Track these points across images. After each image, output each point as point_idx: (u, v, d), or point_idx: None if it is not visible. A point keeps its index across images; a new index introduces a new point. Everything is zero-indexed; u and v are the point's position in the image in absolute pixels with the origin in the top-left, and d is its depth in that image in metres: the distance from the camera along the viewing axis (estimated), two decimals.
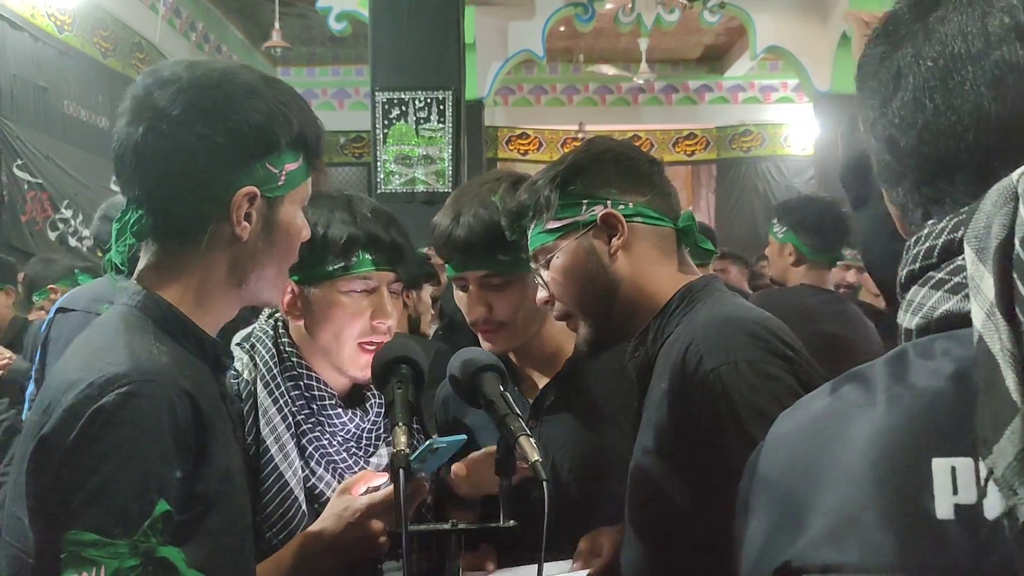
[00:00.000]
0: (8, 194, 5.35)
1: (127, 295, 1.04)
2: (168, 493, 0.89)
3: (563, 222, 1.27)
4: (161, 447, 0.90)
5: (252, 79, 1.04)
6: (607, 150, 1.32)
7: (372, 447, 1.42)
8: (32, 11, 5.73)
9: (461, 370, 1.22)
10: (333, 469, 1.36)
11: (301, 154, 1.07)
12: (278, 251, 1.07)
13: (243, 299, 1.10)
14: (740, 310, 1.21)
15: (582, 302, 1.28)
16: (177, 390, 0.93)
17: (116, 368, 0.91)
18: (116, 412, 0.88)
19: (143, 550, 0.86)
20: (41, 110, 5.79)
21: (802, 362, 1.14)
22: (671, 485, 1.16)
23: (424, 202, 4.17)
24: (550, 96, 10.35)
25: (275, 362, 1.36)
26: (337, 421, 1.37)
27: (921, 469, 0.56)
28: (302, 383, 1.36)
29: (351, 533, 1.20)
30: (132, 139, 1.01)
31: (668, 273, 1.27)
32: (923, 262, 0.63)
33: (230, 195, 1.01)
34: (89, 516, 0.85)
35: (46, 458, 0.89)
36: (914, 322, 0.63)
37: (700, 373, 1.12)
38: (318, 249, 1.32)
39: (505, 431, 1.13)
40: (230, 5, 8.69)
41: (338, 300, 1.35)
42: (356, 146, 10.02)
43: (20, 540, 0.92)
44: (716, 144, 10.59)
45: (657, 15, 7.33)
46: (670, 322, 1.23)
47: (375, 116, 4.21)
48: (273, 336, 1.39)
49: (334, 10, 6.55)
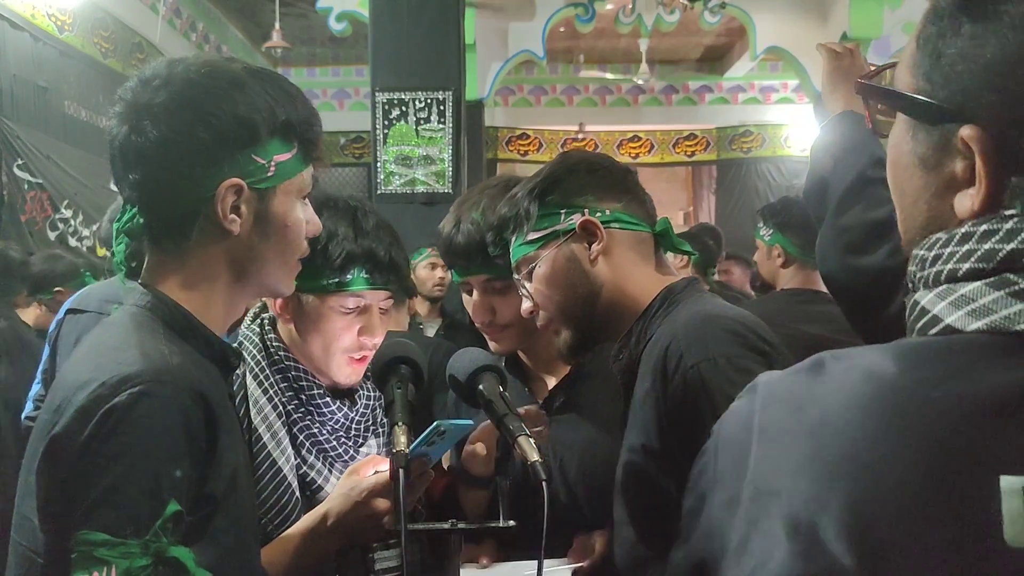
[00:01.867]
0: (8, 194, 5.35)
1: (135, 295, 1.04)
2: (179, 493, 0.89)
3: (543, 232, 1.30)
4: (173, 447, 0.90)
5: (235, 71, 1.03)
6: (581, 160, 1.36)
7: (361, 438, 1.43)
8: (32, 11, 5.73)
9: (461, 370, 1.22)
10: (324, 458, 1.37)
11: (294, 144, 1.06)
12: (276, 243, 1.06)
13: (250, 293, 1.10)
14: (719, 308, 1.24)
15: (565, 308, 1.31)
16: (189, 391, 0.93)
17: (128, 368, 0.91)
18: (128, 412, 0.88)
19: (154, 550, 0.86)
20: (41, 110, 5.79)
21: (779, 357, 1.16)
22: (656, 481, 1.18)
23: (424, 203, 4.17)
24: (550, 97, 10.34)
25: (263, 356, 1.38)
26: (327, 411, 1.39)
27: (985, 486, 0.49)
28: (290, 375, 1.37)
29: (358, 512, 1.21)
30: (121, 139, 1.01)
31: (648, 276, 1.30)
32: (1001, 262, 0.57)
33: (214, 188, 1.00)
34: (100, 516, 0.86)
35: (57, 458, 0.90)
36: (973, 325, 0.57)
37: (680, 369, 1.14)
38: (317, 261, 1.31)
39: (504, 431, 1.13)
40: (230, 5, 8.69)
41: (329, 314, 1.36)
42: (356, 146, 10.02)
43: (30, 539, 0.92)
44: (716, 145, 10.59)
45: (657, 16, 7.33)
46: (652, 323, 1.26)
47: (375, 116, 4.21)
48: (260, 333, 1.41)
49: (334, 10, 6.55)
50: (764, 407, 0.62)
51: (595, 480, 1.46)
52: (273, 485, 1.30)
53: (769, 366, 1.13)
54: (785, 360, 1.16)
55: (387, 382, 1.22)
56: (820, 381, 0.59)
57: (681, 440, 1.14)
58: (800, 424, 0.58)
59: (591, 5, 7.18)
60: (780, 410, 0.60)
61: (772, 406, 0.61)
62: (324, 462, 1.37)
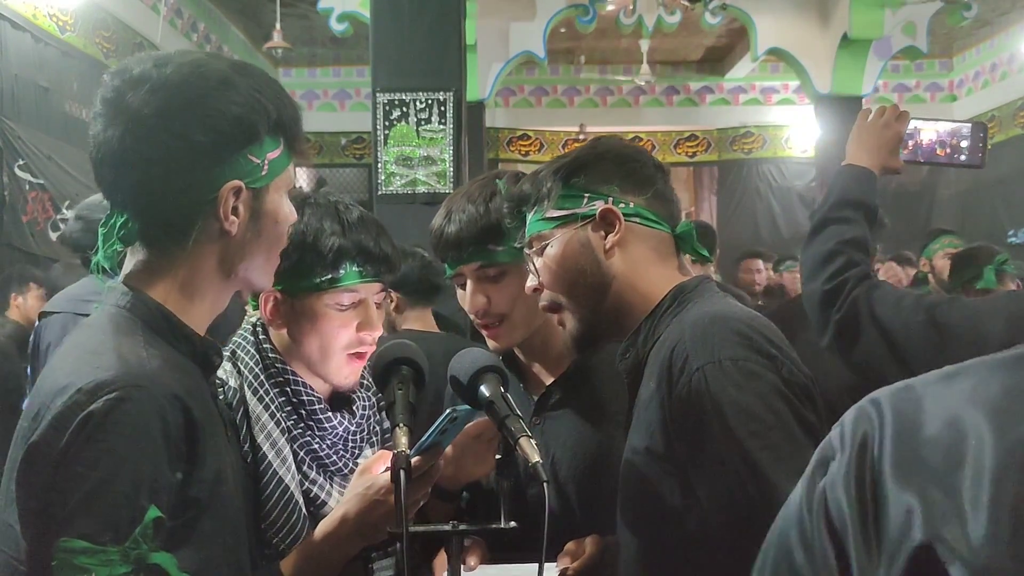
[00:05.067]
0: (9, 194, 5.35)
1: (115, 296, 1.02)
2: (159, 499, 0.88)
3: (562, 212, 1.28)
4: (151, 453, 0.89)
5: (223, 69, 1.02)
6: (611, 149, 1.33)
7: (358, 448, 1.41)
8: (34, 11, 5.73)
9: (462, 371, 1.22)
10: (325, 472, 1.36)
11: (281, 140, 1.06)
12: (266, 239, 1.06)
13: (234, 288, 1.09)
14: (728, 309, 1.21)
15: (572, 294, 1.29)
16: (167, 395, 0.92)
17: (105, 373, 0.90)
18: (105, 418, 0.87)
19: (134, 557, 0.85)
20: (43, 110, 5.79)
21: (786, 361, 1.15)
22: (660, 484, 1.17)
23: (425, 203, 4.17)
24: (551, 97, 10.34)
25: (260, 368, 1.35)
26: (327, 425, 1.36)
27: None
28: (288, 388, 1.35)
29: (376, 511, 1.20)
30: (111, 144, 0.99)
31: (661, 274, 1.28)
32: None
33: (215, 192, 1.00)
34: (79, 523, 0.85)
35: (36, 465, 0.89)
36: None
37: (686, 372, 1.13)
38: (306, 260, 1.30)
39: (506, 432, 1.13)
40: (231, 6, 8.68)
41: (324, 312, 1.33)
42: (357, 147, 10.02)
43: (11, 547, 0.91)
44: (717, 146, 10.58)
45: (658, 17, 7.32)
46: (661, 323, 1.24)
47: (376, 117, 4.20)
48: (255, 342, 1.37)
49: (335, 11, 6.54)
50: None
51: (586, 479, 1.46)
52: (282, 504, 1.28)
53: (775, 370, 1.12)
54: (793, 364, 1.15)
55: (388, 383, 1.22)
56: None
57: (685, 443, 1.13)
58: None
59: (592, 6, 7.18)
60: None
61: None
62: (325, 476, 1.35)
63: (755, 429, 1.08)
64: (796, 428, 1.09)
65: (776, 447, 1.07)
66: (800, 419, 1.10)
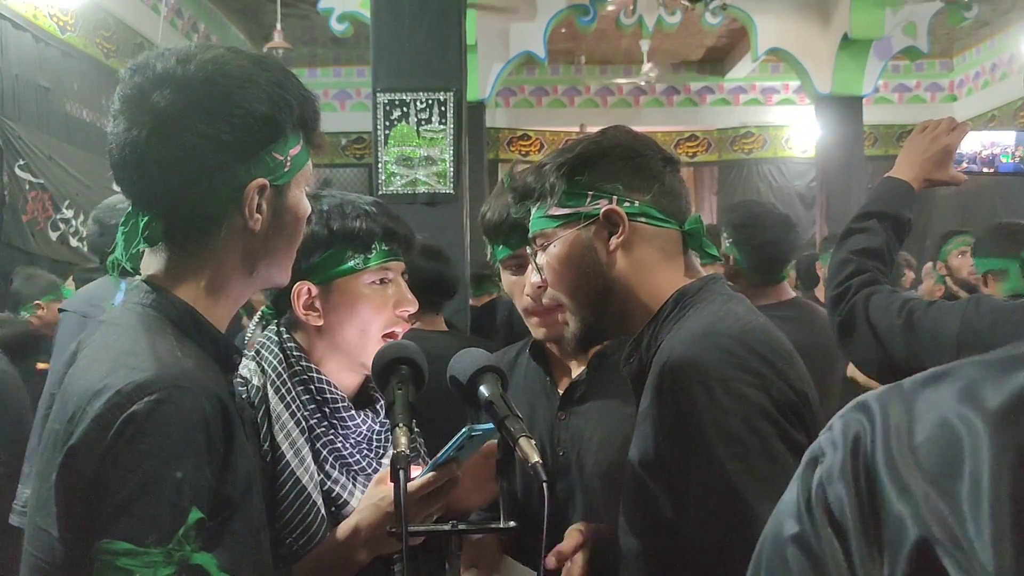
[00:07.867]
0: (9, 194, 5.35)
1: (138, 295, 1.01)
2: (201, 500, 0.88)
3: (565, 211, 1.25)
4: (193, 454, 0.88)
5: (245, 65, 1.01)
6: (618, 144, 1.29)
7: (383, 448, 1.41)
8: (34, 11, 5.74)
9: (461, 372, 1.22)
10: (348, 471, 1.35)
11: (301, 135, 1.06)
12: (287, 234, 1.07)
13: (255, 285, 1.09)
14: (721, 322, 1.17)
15: (575, 294, 1.27)
16: (207, 395, 0.91)
17: (143, 374, 0.89)
18: (147, 420, 0.87)
19: (177, 558, 0.85)
20: (43, 110, 5.79)
21: (775, 379, 1.11)
22: (655, 498, 1.16)
23: (425, 203, 4.16)
24: (551, 97, 10.34)
25: (284, 367, 1.35)
26: (351, 424, 1.36)
27: None
28: (312, 387, 1.35)
29: (388, 522, 1.20)
30: (136, 145, 0.97)
31: (667, 277, 1.25)
32: None
33: (241, 190, 0.99)
34: (122, 525, 0.84)
35: (76, 468, 0.88)
36: None
37: (673, 391, 1.12)
38: (336, 247, 1.33)
39: (505, 433, 1.13)
40: (232, 6, 8.69)
41: (362, 293, 1.36)
42: (357, 147, 10.02)
43: (44, 551, 0.90)
44: (717, 146, 10.59)
45: (659, 17, 7.32)
46: (663, 328, 1.21)
47: (376, 117, 4.20)
48: (278, 341, 1.38)
49: (336, 11, 6.55)
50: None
51: (613, 473, 1.45)
52: (298, 504, 1.27)
53: (764, 388, 1.09)
54: (783, 381, 1.12)
55: (387, 383, 1.22)
56: None
57: (672, 462, 1.12)
58: None
59: (592, 6, 7.17)
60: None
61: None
62: (348, 476, 1.35)
63: (736, 451, 1.06)
64: (780, 449, 1.07)
65: (755, 469, 1.06)
66: (785, 438, 1.08)
